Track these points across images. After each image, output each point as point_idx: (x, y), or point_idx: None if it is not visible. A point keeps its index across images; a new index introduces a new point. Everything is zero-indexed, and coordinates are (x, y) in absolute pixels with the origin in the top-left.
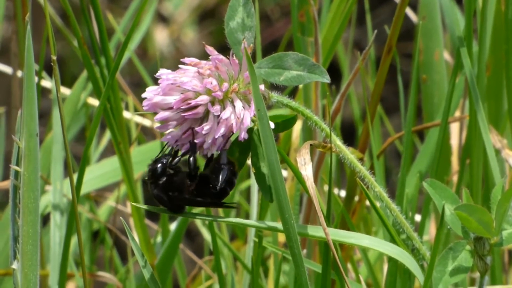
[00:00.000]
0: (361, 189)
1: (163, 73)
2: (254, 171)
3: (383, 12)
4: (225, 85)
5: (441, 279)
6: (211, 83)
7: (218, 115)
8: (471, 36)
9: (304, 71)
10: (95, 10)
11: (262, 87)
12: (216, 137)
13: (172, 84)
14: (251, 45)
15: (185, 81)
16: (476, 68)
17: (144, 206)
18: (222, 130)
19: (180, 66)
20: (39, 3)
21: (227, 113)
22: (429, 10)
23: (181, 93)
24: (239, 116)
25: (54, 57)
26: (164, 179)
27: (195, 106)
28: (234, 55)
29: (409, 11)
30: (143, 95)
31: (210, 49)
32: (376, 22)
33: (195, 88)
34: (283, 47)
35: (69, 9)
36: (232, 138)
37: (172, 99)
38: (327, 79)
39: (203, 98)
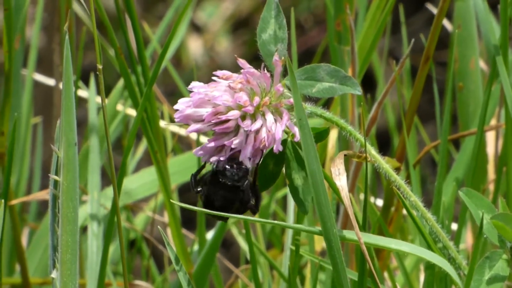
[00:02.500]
0: (398, 197)
1: (195, 86)
2: (288, 183)
3: (417, 21)
4: (256, 99)
5: None
6: (242, 99)
7: (248, 130)
8: (507, 44)
9: (336, 83)
10: (132, 20)
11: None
12: (246, 151)
13: (203, 97)
14: (283, 58)
15: (216, 95)
16: None
17: (182, 205)
18: (251, 143)
19: (212, 78)
20: (77, 13)
21: (257, 125)
22: (464, 18)
23: (213, 107)
24: (270, 129)
25: (100, 66)
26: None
27: (226, 120)
28: (265, 69)
29: (444, 20)
30: (175, 107)
31: (242, 62)
32: (410, 31)
33: (226, 103)
34: (319, 56)
35: (106, 20)
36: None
37: (204, 111)
38: (358, 91)
39: (234, 113)
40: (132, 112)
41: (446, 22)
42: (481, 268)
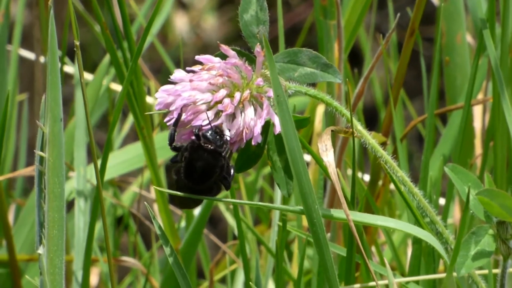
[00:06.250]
0: (386, 172)
1: (178, 80)
2: (270, 164)
3: None
4: (237, 96)
5: (464, 263)
6: (223, 105)
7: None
8: (494, 18)
9: (317, 69)
10: None
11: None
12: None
13: (186, 102)
14: (264, 49)
15: (198, 99)
16: (499, 50)
17: (170, 191)
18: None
19: (197, 58)
20: None
21: (235, 124)
22: None
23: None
24: (248, 126)
25: (77, 43)
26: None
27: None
28: (246, 60)
29: None
30: (155, 95)
31: (225, 49)
32: (396, 6)
33: (207, 107)
34: (305, 32)
35: None
36: None
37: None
38: (339, 79)
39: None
40: (119, 88)
41: None
42: (467, 243)
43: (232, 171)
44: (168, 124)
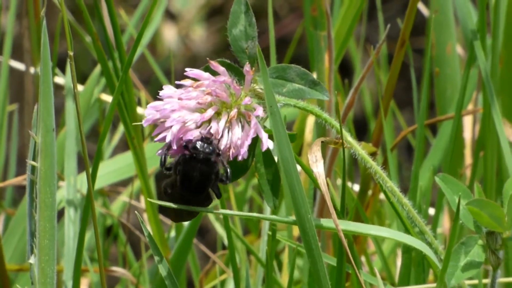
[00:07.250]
0: (377, 182)
1: (167, 98)
2: (257, 177)
3: (392, 7)
4: (224, 116)
5: (454, 274)
6: (212, 130)
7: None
8: (485, 29)
9: (305, 86)
10: (108, 5)
11: None
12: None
13: (179, 122)
14: (253, 68)
15: (188, 120)
16: (490, 60)
17: (162, 203)
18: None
19: (185, 73)
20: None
21: (222, 142)
22: (441, 3)
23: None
24: (235, 146)
25: (71, 53)
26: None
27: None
28: (236, 79)
29: (420, 5)
30: (145, 111)
31: (214, 65)
32: (386, 17)
33: (195, 127)
34: (295, 43)
35: (82, 5)
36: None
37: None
38: (326, 96)
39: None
40: (109, 99)
41: (423, 7)
42: (456, 254)
43: (228, 171)
44: (156, 140)
